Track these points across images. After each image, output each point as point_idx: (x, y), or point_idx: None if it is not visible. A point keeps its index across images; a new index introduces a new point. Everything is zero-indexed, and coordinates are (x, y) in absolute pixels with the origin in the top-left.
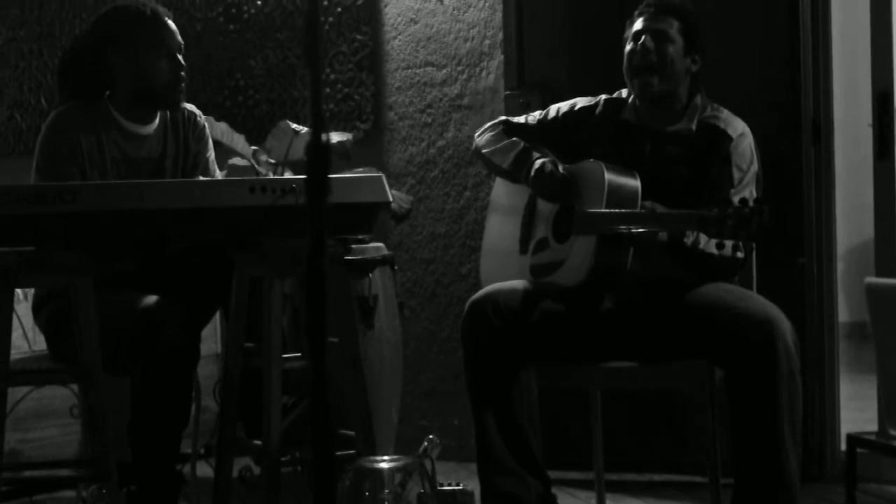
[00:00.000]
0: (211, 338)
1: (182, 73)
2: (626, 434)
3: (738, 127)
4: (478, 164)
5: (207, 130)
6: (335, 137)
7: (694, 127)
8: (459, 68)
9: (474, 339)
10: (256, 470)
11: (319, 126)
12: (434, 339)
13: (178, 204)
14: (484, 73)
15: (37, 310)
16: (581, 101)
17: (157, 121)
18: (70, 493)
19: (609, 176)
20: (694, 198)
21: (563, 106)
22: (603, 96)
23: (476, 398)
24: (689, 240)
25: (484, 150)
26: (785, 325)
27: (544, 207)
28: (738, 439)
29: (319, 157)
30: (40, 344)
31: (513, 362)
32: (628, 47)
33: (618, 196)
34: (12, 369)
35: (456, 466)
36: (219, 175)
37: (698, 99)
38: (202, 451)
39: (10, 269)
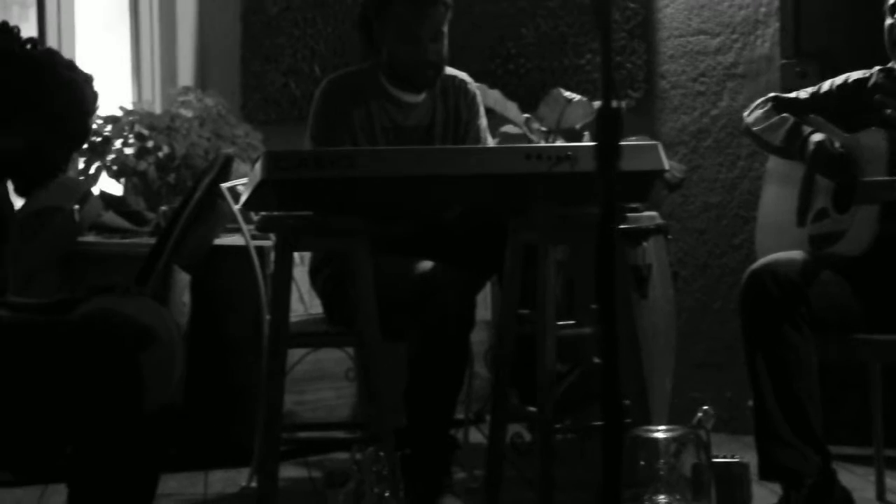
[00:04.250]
0: (482, 304)
1: (424, 57)
2: None
3: None
4: None
5: (479, 98)
6: None
7: None
8: (734, 36)
9: (753, 309)
10: (528, 436)
11: (610, 92)
12: (706, 310)
13: (455, 170)
14: (759, 42)
15: (314, 273)
16: (854, 75)
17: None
18: (343, 455)
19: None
20: None
21: (837, 80)
22: (876, 68)
23: (754, 369)
24: None
25: (754, 128)
26: None
27: (823, 178)
28: None
29: (610, 124)
30: (316, 307)
31: (791, 333)
32: (889, 21)
33: None
34: (291, 332)
35: (728, 438)
36: (491, 143)
37: None
38: (473, 417)
39: (289, 232)
